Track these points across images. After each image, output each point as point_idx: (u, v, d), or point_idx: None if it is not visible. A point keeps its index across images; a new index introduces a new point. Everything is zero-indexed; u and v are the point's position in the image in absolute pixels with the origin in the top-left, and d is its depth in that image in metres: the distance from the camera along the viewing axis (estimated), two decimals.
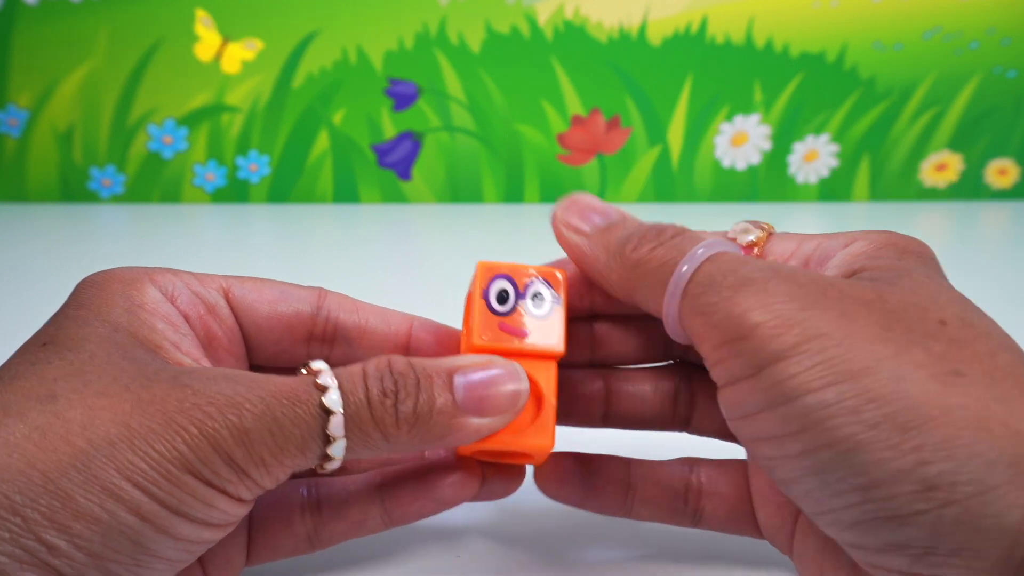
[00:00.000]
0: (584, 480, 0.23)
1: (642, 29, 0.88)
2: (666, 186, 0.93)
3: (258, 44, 0.89)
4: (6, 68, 0.88)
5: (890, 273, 0.18)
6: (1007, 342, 0.17)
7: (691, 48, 0.89)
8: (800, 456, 0.16)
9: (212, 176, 0.91)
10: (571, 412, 0.24)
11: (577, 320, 0.24)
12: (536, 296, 0.23)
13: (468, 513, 0.27)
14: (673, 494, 0.23)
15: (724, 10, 0.88)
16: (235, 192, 0.92)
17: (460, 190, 0.93)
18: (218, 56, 0.89)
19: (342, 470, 0.24)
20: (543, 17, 0.88)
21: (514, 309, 0.23)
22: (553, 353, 0.22)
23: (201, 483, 0.17)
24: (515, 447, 0.22)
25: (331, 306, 0.24)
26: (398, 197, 0.93)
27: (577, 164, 0.93)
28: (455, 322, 0.25)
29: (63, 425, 0.17)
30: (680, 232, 0.20)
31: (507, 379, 0.20)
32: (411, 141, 0.92)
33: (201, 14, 0.88)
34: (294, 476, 0.23)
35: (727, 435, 0.24)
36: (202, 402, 0.18)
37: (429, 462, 0.24)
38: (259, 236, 0.77)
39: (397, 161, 0.92)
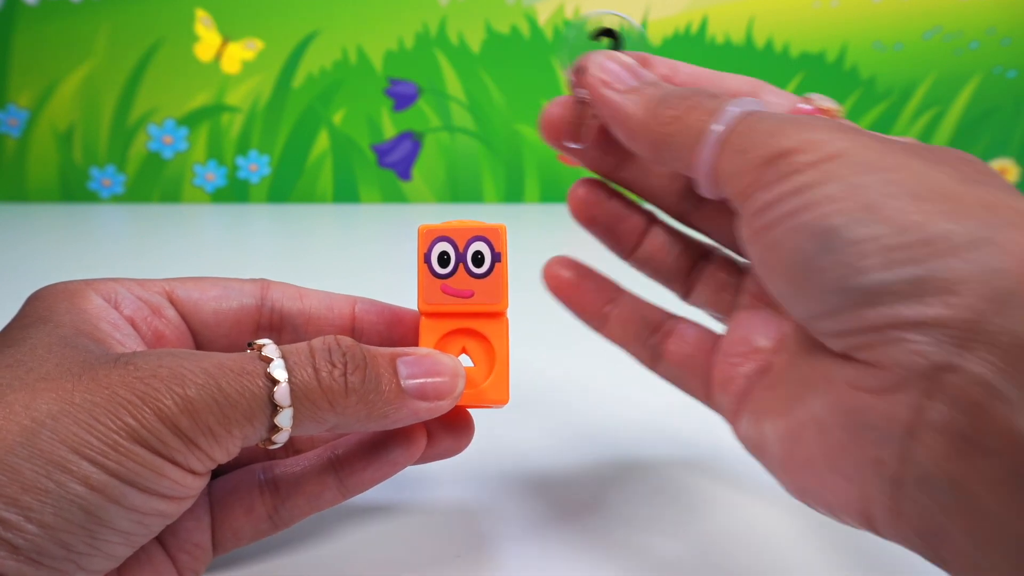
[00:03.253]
0: (575, 278, 0.26)
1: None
2: None
3: (258, 44, 0.89)
4: (6, 68, 0.88)
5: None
6: None
7: (691, 48, 0.89)
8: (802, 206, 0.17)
9: (212, 176, 0.91)
10: (609, 236, 0.26)
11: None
12: (477, 255, 0.23)
13: (469, 511, 0.27)
14: (645, 324, 0.25)
15: (724, 10, 0.88)
16: (235, 192, 0.92)
17: (460, 190, 0.93)
18: (218, 56, 0.89)
19: (294, 452, 0.25)
20: (543, 17, 0.88)
21: (456, 270, 0.23)
22: (497, 311, 0.23)
23: (149, 452, 0.18)
24: (472, 405, 0.23)
25: (275, 296, 0.25)
26: (398, 197, 0.93)
27: (577, 164, 0.93)
28: None
29: (5, 408, 0.17)
30: (715, 95, 0.21)
31: (445, 371, 0.21)
32: (411, 141, 0.92)
33: (201, 14, 0.88)
34: (248, 462, 0.24)
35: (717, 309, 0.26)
36: (145, 375, 0.18)
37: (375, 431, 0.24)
38: (259, 236, 0.77)
39: (397, 161, 0.92)
